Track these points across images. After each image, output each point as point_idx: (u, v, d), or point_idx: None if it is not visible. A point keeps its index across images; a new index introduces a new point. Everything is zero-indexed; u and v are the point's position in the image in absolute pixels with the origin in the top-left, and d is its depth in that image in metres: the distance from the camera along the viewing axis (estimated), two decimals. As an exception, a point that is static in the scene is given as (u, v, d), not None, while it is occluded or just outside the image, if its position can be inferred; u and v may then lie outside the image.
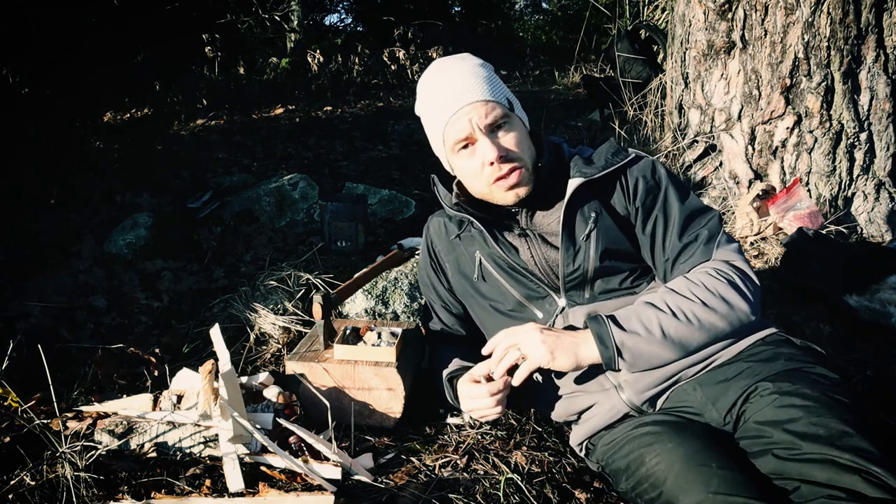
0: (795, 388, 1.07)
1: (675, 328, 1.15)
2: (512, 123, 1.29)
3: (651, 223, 1.28)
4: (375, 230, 2.71)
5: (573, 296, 1.30)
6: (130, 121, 4.28)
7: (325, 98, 5.44)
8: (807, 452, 0.96)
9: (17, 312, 2.00)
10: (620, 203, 1.31)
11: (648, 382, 1.22)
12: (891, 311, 1.89)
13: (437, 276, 1.52)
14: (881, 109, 2.42)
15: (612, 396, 1.25)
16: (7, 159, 2.61)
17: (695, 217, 1.27)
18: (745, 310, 1.17)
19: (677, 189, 1.29)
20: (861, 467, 0.91)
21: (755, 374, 1.15)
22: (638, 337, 1.15)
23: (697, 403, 1.20)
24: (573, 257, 1.28)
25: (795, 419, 1.02)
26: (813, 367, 1.14)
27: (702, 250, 1.24)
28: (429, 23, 7.20)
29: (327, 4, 9.11)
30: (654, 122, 3.20)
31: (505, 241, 1.35)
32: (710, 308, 1.16)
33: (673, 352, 1.16)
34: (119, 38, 3.16)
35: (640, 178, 1.29)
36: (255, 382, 1.58)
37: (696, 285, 1.18)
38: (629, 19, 6.22)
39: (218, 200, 2.87)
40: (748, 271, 1.21)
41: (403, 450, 1.41)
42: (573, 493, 1.27)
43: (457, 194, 1.40)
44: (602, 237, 1.27)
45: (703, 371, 1.22)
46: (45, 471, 1.25)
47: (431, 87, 1.31)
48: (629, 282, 1.31)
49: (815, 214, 2.38)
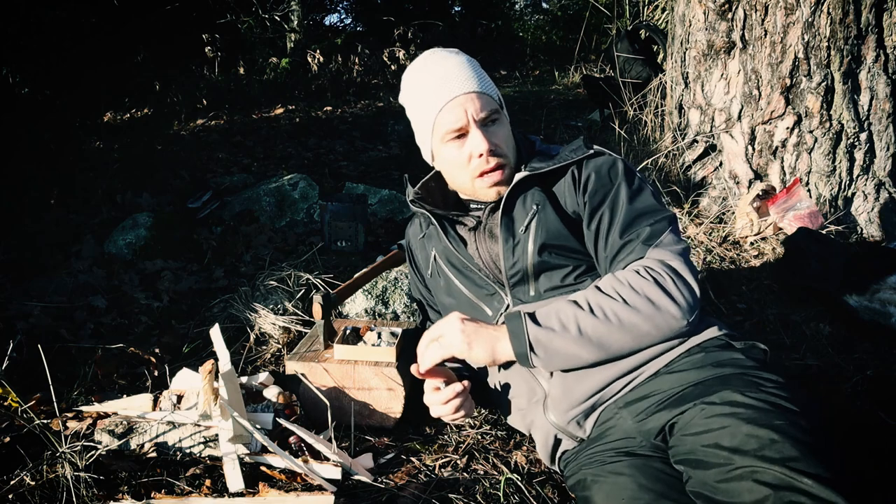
0: (724, 396, 1.00)
1: (593, 326, 1.10)
2: (501, 121, 1.29)
3: (597, 219, 1.23)
4: (375, 230, 2.71)
5: (518, 293, 1.28)
6: (130, 121, 4.28)
7: (325, 98, 5.43)
8: (736, 467, 0.89)
9: (17, 312, 2.00)
10: (571, 197, 1.27)
11: (571, 401, 1.17)
12: (891, 311, 1.89)
13: (417, 275, 1.54)
14: (881, 109, 2.42)
15: (540, 416, 1.22)
16: (7, 159, 2.61)
17: (642, 216, 1.20)
18: (673, 312, 1.09)
19: (630, 187, 1.24)
20: (790, 480, 0.84)
21: (682, 385, 1.09)
22: (552, 333, 1.11)
23: (623, 425, 1.14)
24: (512, 250, 1.26)
25: (724, 428, 0.95)
26: (748, 370, 1.06)
27: (638, 248, 1.17)
28: (429, 23, 7.20)
29: (327, 4, 9.11)
30: (654, 122, 3.20)
31: (455, 234, 1.35)
32: (631, 307, 1.09)
33: (590, 351, 1.11)
34: (119, 38, 3.16)
35: (593, 173, 1.25)
36: (255, 382, 1.58)
37: (621, 283, 1.13)
38: (629, 19, 6.22)
39: (218, 200, 2.87)
40: (684, 273, 1.12)
41: (403, 450, 1.41)
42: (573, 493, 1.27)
43: (415, 191, 1.38)
44: (541, 229, 1.24)
45: (627, 389, 1.16)
46: (45, 471, 1.25)
47: (424, 74, 1.28)
48: (572, 278, 1.26)
49: (815, 214, 2.38)
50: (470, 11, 9.11)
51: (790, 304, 2.09)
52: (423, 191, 1.39)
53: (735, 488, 0.88)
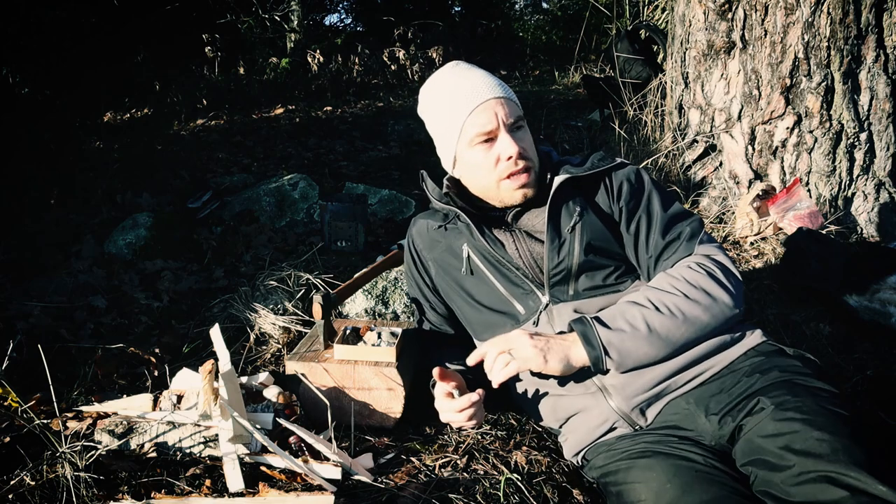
0: (795, 401, 1.05)
1: (660, 322, 1.15)
2: (526, 129, 1.34)
3: (635, 223, 1.32)
4: (375, 230, 2.71)
5: (557, 292, 1.31)
6: (130, 121, 4.28)
7: (325, 98, 5.44)
8: (810, 470, 0.94)
9: (17, 312, 2.00)
10: (605, 203, 1.34)
11: (637, 388, 1.20)
12: (891, 311, 1.89)
13: (421, 277, 1.53)
14: (881, 109, 2.42)
15: (601, 402, 1.24)
16: (7, 159, 2.61)
17: (677, 218, 1.31)
18: (728, 301, 1.18)
19: (660, 193, 1.34)
20: (864, 485, 0.89)
21: (751, 387, 1.13)
22: (623, 334, 1.15)
23: (692, 418, 1.17)
24: (558, 250, 1.29)
25: (796, 433, 0.99)
26: (809, 379, 1.12)
27: (684, 246, 1.27)
28: (429, 23, 7.21)
29: (327, 4, 9.11)
30: (654, 122, 3.20)
31: (491, 234, 1.36)
32: (692, 300, 1.17)
33: (660, 347, 1.16)
34: (119, 38, 3.16)
35: (624, 181, 1.34)
36: (255, 382, 1.58)
37: (677, 279, 1.20)
38: (629, 19, 6.22)
39: (218, 200, 2.87)
40: (729, 265, 1.23)
41: (403, 450, 1.41)
42: (572, 493, 1.27)
43: (447, 186, 1.39)
44: (587, 230, 1.29)
45: (695, 383, 1.20)
46: (45, 471, 1.25)
47: (451, 82, 1.33)
48: (613, 278, 1.31)
49: (815, 214, 2.38)
50: (470, 11, 9.12)
51: (790, 304, 2.09)
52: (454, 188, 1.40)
53: (810, 490, 0.92)
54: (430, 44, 6.56)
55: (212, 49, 5.25)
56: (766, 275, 2.24)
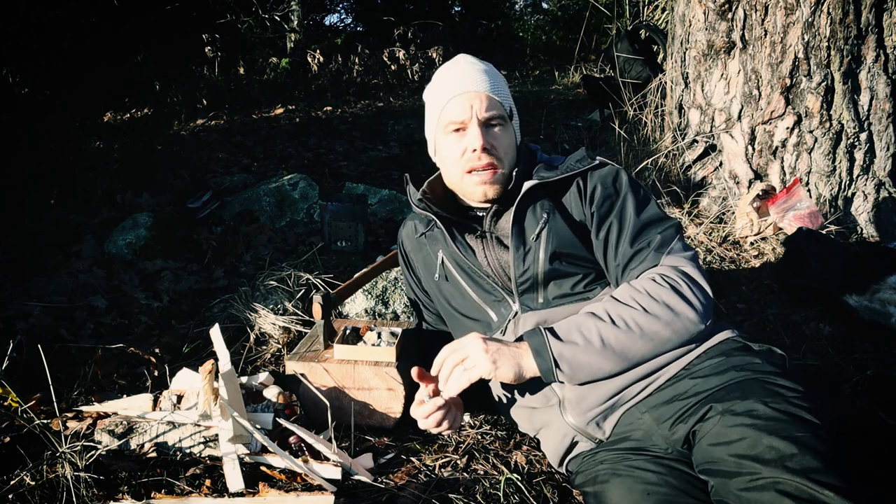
0: (745, 404, 1.01)
1: (616, 337, 1.11)
2: (506, 128, 1.32)
3: (605, 228, 1.26)
4: (375, 230, 2.71)
5: (526, 300, 1.28)
6: (130, 121, 4.28)
7: (325, 98, 5.44)
8: (759, 477, 0.90)
9: (17, 312, 2.00)
10: (577, 207, 1.30)
11: (591, 402, 1.17)
12: (891, 311, 1.89)
13: (412, 277, 1.53)
14: (881, 109, 2.42)
15: (559, 417, 1.21)
16: (7, 159, 2.61)
17: (650, 225, 1.24)
18: (691, 317, 1.12)
19: (636, 197, 1.27)
20: (812, 492, 0.85)
21: (705, 390, 1.09)
22: (576, 347, 1.11)
23: (646, 428, 1.14)
24: (523, 257, 1.27)
25: (745, 439, 0.96)
26: (769, 377, 1.07)
27: (652, 256, 1.20)
28: (429, 23, 7.21)
29: (327, 4, 9.11)
30: (654, 122, 3.20)
31: (463, 241, 1.35)
32: (651, 315, 1.11)
33: (614, 362, 1.12)
34: (119, 38, 3.16)
35: (598, 184, 1.28)
36: (255, 382, 1.58)
37: (639, 292, 1.15)
38: (629, 19, 6.22)
39: (218, 200, 2.87)
40: (698, 278, 1.16)
41: (403, 450, 1.41)
42: (572, 493, 1.27)
43: (423, 191, 1.38)
44: (552, 237, 1.26)
45: (648, 391, 1.16)
46: (45, 471, 1.25)
47: (446, 70, 1.35)
48: (582, 286, 1.27)
49: (815, 214, 2.38)
50: (470, 11, 9.12)
51: (790, 304, 2.09)
52: (430, 191, 1.39)
53: (757, 498, 0.90)
54: (430, 44, 6.56)
55: (212, 49, 5.25)
56: (766, 275, 2.24)
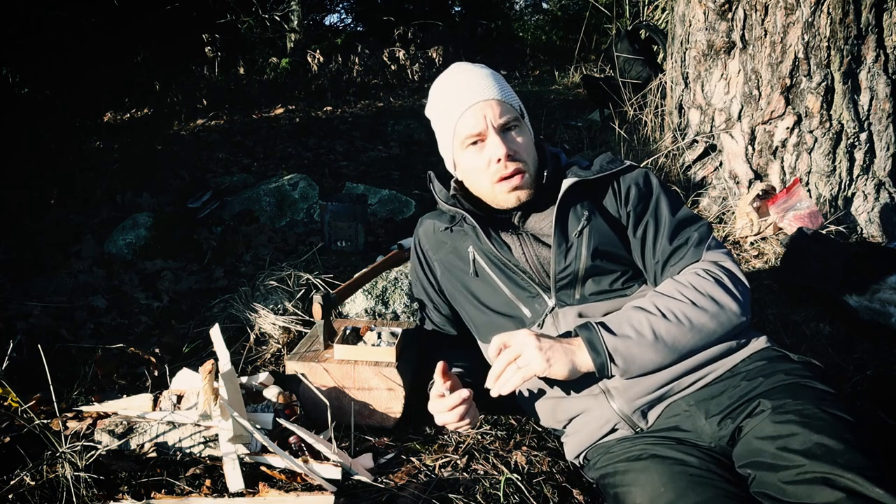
0: (795, 404, 1.05)
1: (666, 329, 1.14)
2: (522, 129, 1.33)
3: (642, 227, 1.30)
4: (375, 230, 2.71)
5: (563, 296, 1.30)
6: (130, 121, 4.28)
7: (325, 98, 5.44)
8: (807, 471, 0.94)
9: (17, 312, 2.00)
10: (612, 207, 1.33)
11: (639, 390, 1.20)
12: (891, 311, 1.89)
13: (427, 277, 1.53)
14: (881, 109, 2.42)
15: (603, 404, 1.23)
16: (7, 159, 2.61)
17: (685, 224, 1.30)
18: (735, 309, 1.17)
19: (669, 198, 1.32)
20: (861, 488, 0.89)
21: (753, 390, 1.13)
22: (629, 340, 1.14)
23: (692, 420, 1.17)
24: (565, 254, 1.29)
25: (794, 435, 1.00)
26: (812, 382, 1.12)
27: (692, 252, 1.25)
28: (429, 23, 7.21)
29: (327, 4, 9.11)
30: (654, 122, 3.20)
31: (498, 237, 1.36)
32: (699, 308, 1.16)
33: (665, 354, 1.15)
34: (119, 38, 3.16)
35: (632, 185, 1.33)
36: (255, 382, 1.58)
37: (685, 286, 1.19)
38: (629, 19, 6.22)
39: (218, 200, 2.87)
40: (736, 272, 1.22)
41: (403, 450, 1.41)
42: (572, 493, 1.27)
43: (454, 188, 1.40)
44: (594, 235, 1.29)
45: (697, 386, 1.20)
46: (45, 471, 1.25)
47: (448, 84, 1.34)
48: (620, 283, 1.30)
49: (815, 214, 2.38)
50: (470, 11, 9.12)
51: (790, 304, 2.09)
52: (459, 189, 1.40)
53: (805, 491, 0.93)
54: (430, 44, 6.56)
55: (212, 49, 5.25)
56: (766, 275, 2.24)
